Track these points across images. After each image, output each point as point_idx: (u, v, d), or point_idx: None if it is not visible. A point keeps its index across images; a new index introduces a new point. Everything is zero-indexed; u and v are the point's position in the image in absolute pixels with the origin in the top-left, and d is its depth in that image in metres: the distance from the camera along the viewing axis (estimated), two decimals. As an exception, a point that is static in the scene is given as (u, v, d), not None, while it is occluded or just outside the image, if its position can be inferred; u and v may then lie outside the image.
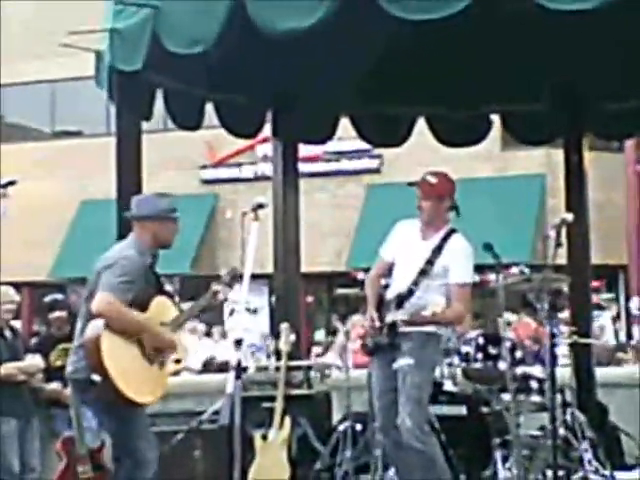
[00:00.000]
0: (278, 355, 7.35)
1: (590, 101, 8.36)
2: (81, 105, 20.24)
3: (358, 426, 7.13)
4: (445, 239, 5.96)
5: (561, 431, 6.60)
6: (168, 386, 5.59)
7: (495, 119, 8.99)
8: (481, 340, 6.99)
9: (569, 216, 6.19)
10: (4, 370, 6.89)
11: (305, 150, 12.83)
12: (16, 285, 8.25)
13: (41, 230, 20.57)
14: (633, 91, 8.15)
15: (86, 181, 20.17)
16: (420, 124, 8.91)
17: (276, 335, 7.57)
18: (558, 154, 9.21)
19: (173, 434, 7.13)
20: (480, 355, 6.93)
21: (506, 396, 6.59)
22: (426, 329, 5.85)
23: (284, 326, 7.34)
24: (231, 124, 8.14)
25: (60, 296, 8.33)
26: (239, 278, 5.56)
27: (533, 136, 9.07)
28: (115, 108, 6.99)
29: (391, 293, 6.00)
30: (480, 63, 7.99)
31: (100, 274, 5.39)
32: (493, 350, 6.88)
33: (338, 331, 14.09)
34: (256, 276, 6.16)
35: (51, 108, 22.33)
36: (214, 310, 5.97)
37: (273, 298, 9.02)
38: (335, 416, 7.69)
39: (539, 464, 6.42)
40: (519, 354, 7.06)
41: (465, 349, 6.98)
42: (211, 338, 14.99)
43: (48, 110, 22.35)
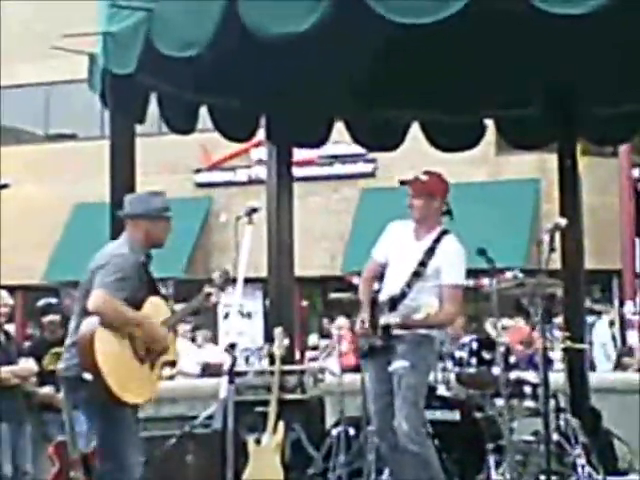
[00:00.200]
0: (272, 359, 7.34)
1: (584, 106, 8.37)
2: (75, 108, 20.24)
3: (352, 431, 7.13)
4: (437, 240, 5.95)
5: (554, 436, 6.60)
6: (159, 389, 5.57)
7: (489, 124, 9.00)
8: (475, 345, 7.00)
9: (563, 221, 6.19)
10: (-3, 374, 6.88)
11: (299, 154, 12.84)
12: (9, 288, 8.25)
13: (35, 233, 20.54)
14: (627, 96, 8.16)
15: (80, 184, 20.14)
16: (414, 128, 8.92)
17: (270, 339, 7.56)
18: (552, 159, 9.20)
19: (166, 439, 7.11)
20: (474, 360, 6.94)
21: (499, 401, 6.60)
22: (420, 331, 5.85)
23: (278, 330, 7.33)
24: (225, 128, 8.13)
25: (53, 300, 8.30)
26: (231, 281, 5.56)
27: (527, 141, 9.08)
28: (108, 111, 6.97)
29: (384, 295, 5.99)
30: (474, 68, 7.99)
31: (94, 273, 5.37)
32: (487, 355, 6.88)
33: (331, 335, 14.09)
34: (250, 280, 6.17)
35: (45, 111, 22.31)
36: (206, 312, 5.96)
37: (267, 302, 9.01)
38: (329, 421, 7.69)
39: (532, 469, 6.42)
40: (513, 359, 7.07)
41: (459, 354, 6.99)
42: (195, 342, 14.94)
43: (42, 113, 22.33)
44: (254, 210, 5.39)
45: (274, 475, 6.81)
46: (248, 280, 5.53)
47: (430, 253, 5.91)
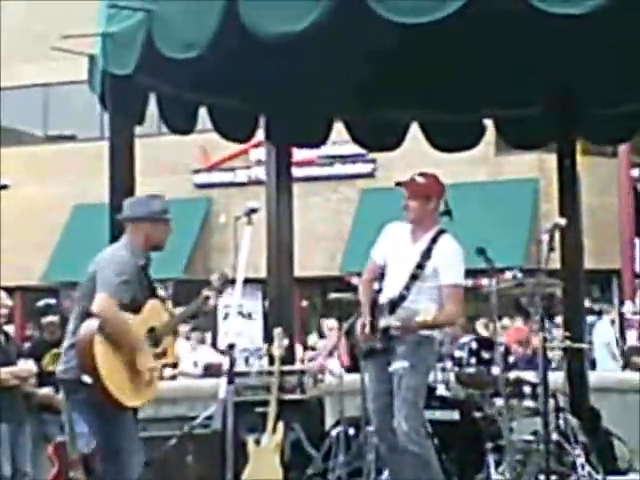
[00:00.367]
0: (271, 360, 7.34)
1: (583, 106, 8.37)
2: (75, 109, 20.25)
3: (351, 431, 7.13)
4: (434, 241, 5.95)
5: (554, 436, 6.59)
6: (159, 390, 5.57)
7: (488, 124, 9.00)
8: (474, 345, 7.00)
9: (562, 220, 6.19)
10: (-4, 374, 6.88)
11: (299, 154, 12.85)
12: (9, 289, 8.25)
13: (34, 234, 20.55)
14: (626, 96, 8.15)
15: (79, 185, 20.15)
16: (414, 128, 8.92)
17: (269, 340, 7.56)
18: (551, 159, 9.21)
19: (166, 439, 7.11)
20: (473, 360, 6.93)
21: (499, 401, 6.60)
22: (420, 332, 5.84)
23: (277, 331, 7.33)
24: (224, 128, 8.13)
25: (53, 301, 8.30)
26: (229, 283, 5.56)
27: (526, 141, 9.08)
28: (108, 112, 6.97)
29: (383, 298, 5.99)
30: (473, 68, 7.99)
31: (94, 276, 5.37)
32: (486, 355, 6.88)
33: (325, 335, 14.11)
34: (250, 280, 6.17)
35: (44, 112, 22.32)
36: (205, 315, 5.96)
37: (267, 302, 9.02)
38: (328, 421, 7.69)
39: (532, 469, 6.41)
40: (512, 359, 7.07)
41: (458, 354, 6.98)
42: (188, 342, 14.93)
43: (41, 114, 22.34)
44: (253, 210, 5.39)
45: (273, 475, 6.81)
46: (248, 280, 5.52)
47: (427, 254, 5.90)
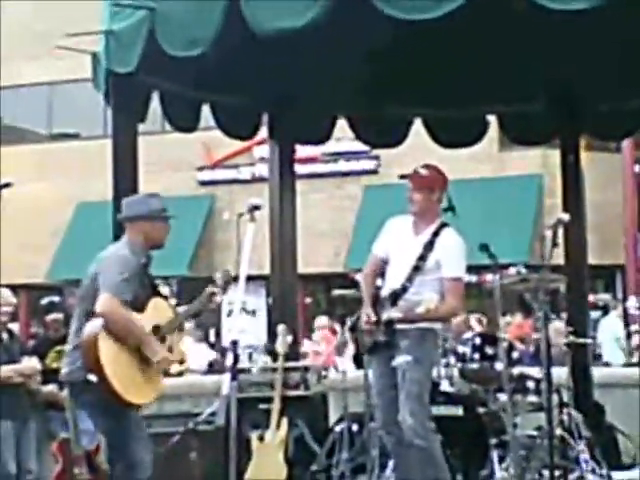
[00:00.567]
0: (275, 356, 7.35)
1: (587, 101, 8.36)
2: (78, 107, 20.24)
3: (355, 427, 7.13)
4: (436, 234, 5.96)
5: (558, 431, 6.59)
6: (164, 388, 5.58)
7: (492, 120, 9.00)
8: (478, 340, 7.00)
9: (565, 216, 6.19)
10: (1, 372, 6.89)
11: (302, 151, 12.83)
12: (13, 287, 8.25)
13: (38, 232, 20.56)
14: (630, 91, 8.15)
15: (83, 183, 20.16)
16: (417, 125, 8.92)
17: (273, 336, 7.57)
18: (555, 154, 9.20)
19: (169, 436, 7.13)
20: (477, 355, 6.94)
21: (503, 396, 6.60)
22: (422, 325, 5.85)
23: (281, 327, 7.34)
24: (227, 126, 8.14)
25: (57, 298, 8.34)
26: (233, 280, 5.56)
27: (530, 136, 9.08)
28: (111, 110, 6.98)
29: (385, 290, 6.00)
30: (476, 64, 7.99)
31: (96, 276, 5.38)
32: (490, 350, 6.88)
33: (336, 332, 14.09)
34: (254, 277, 6.17)
35: (48, 110, 22.32)
36: (210, 313, 5.97)
37: (270, 299, 9.03)
38: (332, 417, 7.69)
39: (536, 464, 6.42)
40: (516, 354, 7.07)
41: (462, 349, 6.99)
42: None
43: (45, 112, 22.33)
44: (256, 207, 5.39)
45: (277, 471, 6.83)
46: (251, 277, 5.52)
47: (429, 247, 5.91)
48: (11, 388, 6.92)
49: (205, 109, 7.93)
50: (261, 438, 6.89)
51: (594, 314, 14.83)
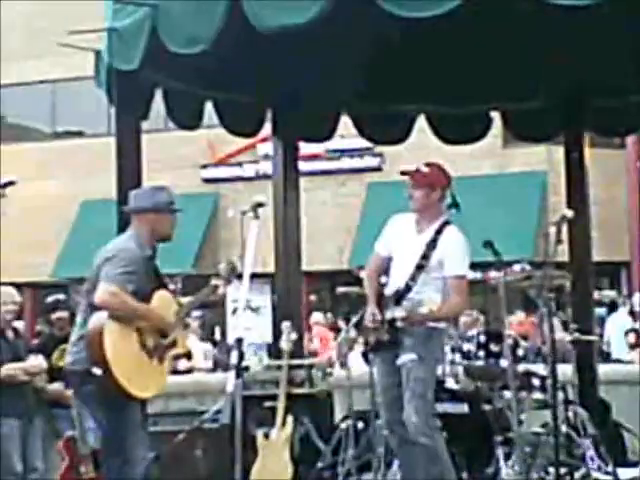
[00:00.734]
0: (279, 354, 7.34)
1: (591, 97, 8.35)
2: (82, 105, 20.27)
3: (360, 424, 7.13)
4: (439, 232, 5.94)
5: (563, 428, 6.59)
6: (167, 383, 5.57)
7: (495, 116, 8.99)
8: (482, 338, 7.00)
9: (569, 213, 6.18)
10: (7, 371, 6.89)
11: (306, 148, 12.84)
12: (18, 286, 8.26)
13: (42, 231, 20.58)
14: (634, 87, 8.13)
15: (87, 181, 20.17)
16: (421, 122, 8.91)
17: (277, 334, 7.57)
18: (559, 151, 9.20)
19: (175, 434, 7.13)
20: (482, 353, 6.93)
21: (508, 393, 6.59)
22: (427, 324, 5.84)
23: (285, 325, 7.33)
24: (231, 123, 8.14)
25: (62, 296, 8.30)
26: (238, 272, 5.55)
27: (534, 133, 9.07)
28: (114, 108, 6.98)
29: (389, 289, 5.99)
30: (480, 60, 7.98)
31: (100, 268, 5.38)
32: (495, 348, 6.88)
33: (340, 329, 14.09)
34: (258, 275, 6.16)
35: (52, 108, 22.35)
36: (214, 306, 5.96)
37: (275, 297, 9.03)
38: (337, 415, 7.69)
39: (541, 461, 6.42)
40: (521, 351, 7.06)
41: (467, 347, 6.98)
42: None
43: (49, 110, 22.36)
44: (260, 204, 5.38)
45: (283, 469, 6.82)
46: (256, 275, 5.52)
47: (432, 245, 5.90)
48: (17, 386, 6.92)
49: (209, 107, 7.92)
50: (266, 436, 6.89)
51: (599, 311, 14.80)
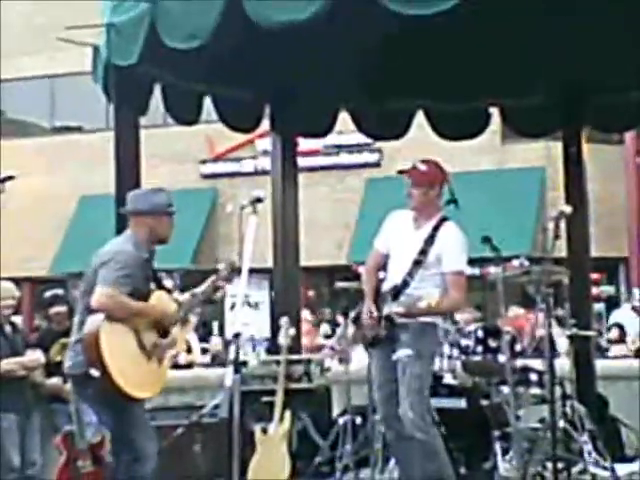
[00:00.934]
0: (278, 349, 7.35)
1: (589, 93, 8.35)
2: (81, 100, 20.23)
3: (358, 419, 7.14)
4: (437, 228, 5.94)
5: (561, 423, 6.60)
6: (166, 381, 5.58)
7: (494, 112, 8.99)
8: (480, 333, 7.01)
9: (567, 208, 6.18)
10: (5, 365, 6.90)
11: (305, 144, 12.84)
12: (16, 280, 8.26)
13: (41, 225, 20.59)
14: (632, 83, 8.13)
15: (86, 176, 20.17)
16: (420, 117, 8.91)
17: (276, 329, 7.58)
18: (557, 147, 9.20)
19: (173, 428, 7.14)
20: (480, 348, 6.94)
21: (506, 389, 6.61)
22: (423, 319, 5.85)
23: (284, 320, 7.34)
24: (229, 118, 8.14)
25: (60, 291, 8.30)
26: (237, 271, 5.56)
27: (532, 129, 9.07)
28: (112, 103, 6.98)
29: (387, 285, 5.99)
30: (478, 56, 7.98)
31: (97, 270, 5.38)
32: (493, 343, 6.88)
33: (339, 324, 14.11)
34: (257, 270, 6.17)
35: (51, 103, 22.34)
36: (213, 305, 5.97)
37: (273, 292, 9.04)
38: (335, 410, 7.71)
39: (539, 456, 6.42)
40: (519, 347, 7.08)
41: (464, 342, 6.99)
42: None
43: (48, 105, 22.35)
44: (258, 200, 5.38)
45: (281, 464, 6.83)
46: (254, 270, 5.53)
47: (430, 241, 5.90)
48: (15, 381, 6.93)
49: (207, 102, 7.92)
50: (265, 431, 6.90)
51: (597, 306, 14.83)
